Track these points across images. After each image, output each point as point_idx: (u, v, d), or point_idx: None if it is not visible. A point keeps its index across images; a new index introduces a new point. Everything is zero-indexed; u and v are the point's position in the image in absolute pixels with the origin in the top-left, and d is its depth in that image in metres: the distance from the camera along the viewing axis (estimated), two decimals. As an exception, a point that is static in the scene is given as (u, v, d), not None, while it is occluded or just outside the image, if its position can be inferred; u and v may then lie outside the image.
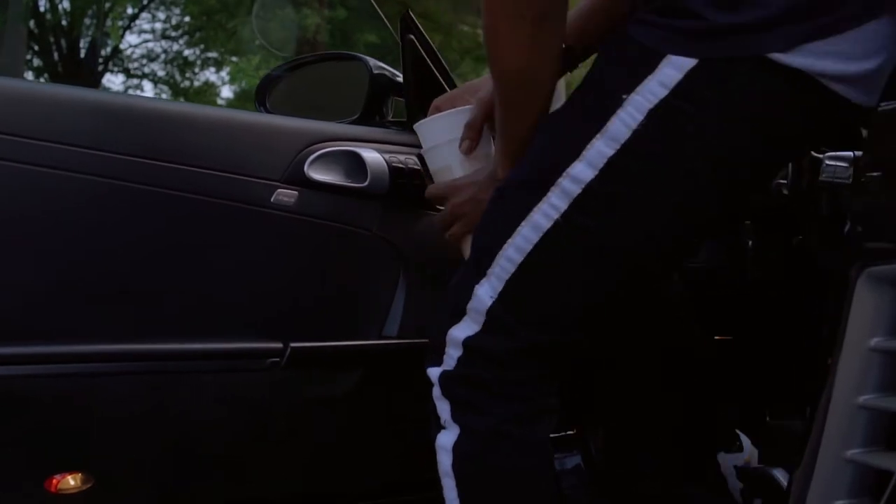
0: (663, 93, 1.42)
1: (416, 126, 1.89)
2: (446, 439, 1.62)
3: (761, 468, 2.06)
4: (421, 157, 2.16)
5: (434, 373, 1.64)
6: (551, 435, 2.27)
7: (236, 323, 2.02)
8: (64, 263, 1.87)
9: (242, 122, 2.09)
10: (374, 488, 2.24)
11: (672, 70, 1.41)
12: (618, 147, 1.45)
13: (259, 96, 2.56)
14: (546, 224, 1.51)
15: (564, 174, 1.49)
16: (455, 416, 1.61)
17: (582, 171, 1.48)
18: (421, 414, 2.14)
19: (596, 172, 1.47)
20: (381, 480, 2.23)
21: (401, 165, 2.15)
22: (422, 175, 2.17)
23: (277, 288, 2.07)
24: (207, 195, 1.98)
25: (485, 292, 1.57)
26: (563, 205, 1.50)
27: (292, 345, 2.02)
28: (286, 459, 2.10)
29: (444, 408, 1.63)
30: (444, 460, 1.62)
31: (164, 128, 1.98)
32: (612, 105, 1.45)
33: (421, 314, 2.17)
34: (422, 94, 2.26)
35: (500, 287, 1.56)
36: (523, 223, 1.53)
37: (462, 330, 1.60)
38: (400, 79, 2.33)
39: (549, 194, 1.51)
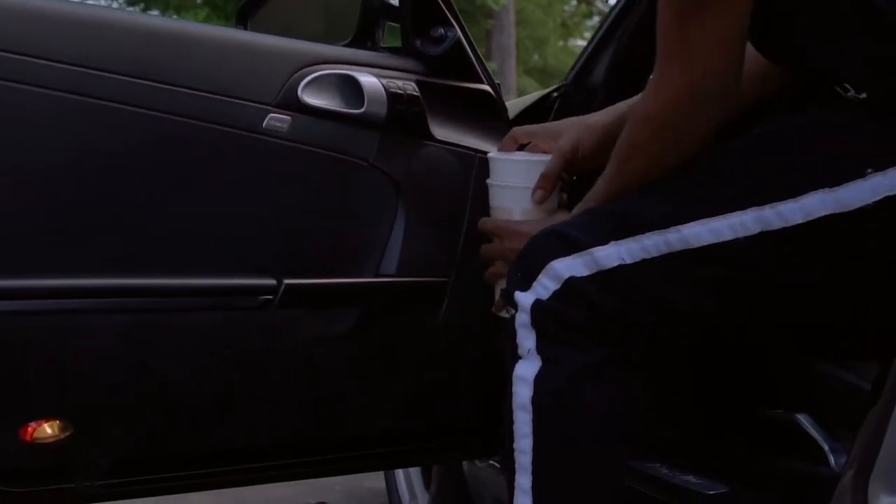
0: None
1: (491, 157, 1.91)
2: (526, 370, 1.55)
3: (782, 413, 1.95)
4: (421, 84, 2.06)
5: (525, 299, 1.57)
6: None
7: (225, 257, 1.89)
8: (36, 189, 1.74)
9: (233, 41, 1.95)
10: (373, 435, 2.11)
11: None
12: (839, 211, 1.44)
13: (241, 20, 2.39)
14: (728, 235, 1.49)
15: (771, 205, 1.47)
16: (541, 348, 1.55)
17: (791, 212, 1.46)
18: (422, 356, 2.04)
19: (804, 220, 1.46)
20: (381, 427, 2.10)
21: (399, 91, 2.01)
22: (421, 102, 2.04)
23: (269, 220, 1.93)
24: (196, 118, 1.83)
25: (617, 253, 1.53)
26: (754, 229, 1.48)
27: (286, 281, 1.87)
28: (280, 404, 1.97)
29: (527, 336, 1.57)
30: (522, 392, 1.56)
31: (149, 44, 1.83)
32: (848, 171, 1.44)
33: (420, 251, 2.04)
34: (419, 18, 2.13)
35: (638, 257, 1.53)
36: (701, 221, 1.50)
37: (569, 267, 1.54)
38: (395, 1, 2.18)
39: (746, 213, 1.48)
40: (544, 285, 1.54)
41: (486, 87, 2.19)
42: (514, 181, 1.84)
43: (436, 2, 2.11)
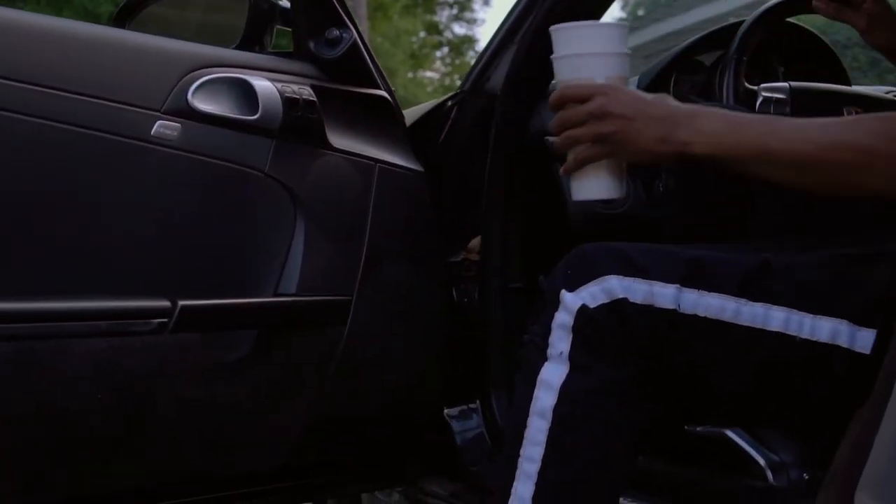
0: None
1: (561, 27, 1.56)
2: (553, 375, 1.43)
3: (716, 431, 1.86)
4: (317, 89, 1.93)
5: (571, 301, 1.44)
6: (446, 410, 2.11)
7: (114, 277, 1.73)
8: None
9: (118, 42, 1.80)
10: (272, 469, 1.96)
11: None
12: None
13: (118, 22, 2.23)
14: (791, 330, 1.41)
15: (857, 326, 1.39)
16: (573, 355, 1.43)
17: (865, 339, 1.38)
18: (325, 381, 1.90)
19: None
20: (281, 460, 1.95)
21: (295, 97, 1.88)
22: (317, 108, 1.91)
23: (160, 236, 1.78)
24: (77, 125, 1.67)
25: (675, 297, 1.43)
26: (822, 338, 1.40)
27: (181, 303, 1.71)
28: (175, 437, 1.81)
29: (563, 338, 1.44)
30: (545, 398, 1.43)
31: (25, 43, 1.66)
32: None
33: (321, 267, 1.90)
34: (313, 19, 2.02)
35: (693, 311, 1.43)
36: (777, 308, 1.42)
37: (626, 288, 1.43)
38: (286, 3, 2.05)
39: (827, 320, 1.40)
40: (593, 294, 1.42)
41: (383, 93, 2.07)
42: (592, 47, 1.54)
43: (330, 2, 1.98)
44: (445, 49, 23.57)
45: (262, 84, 1.85)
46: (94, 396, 1.68)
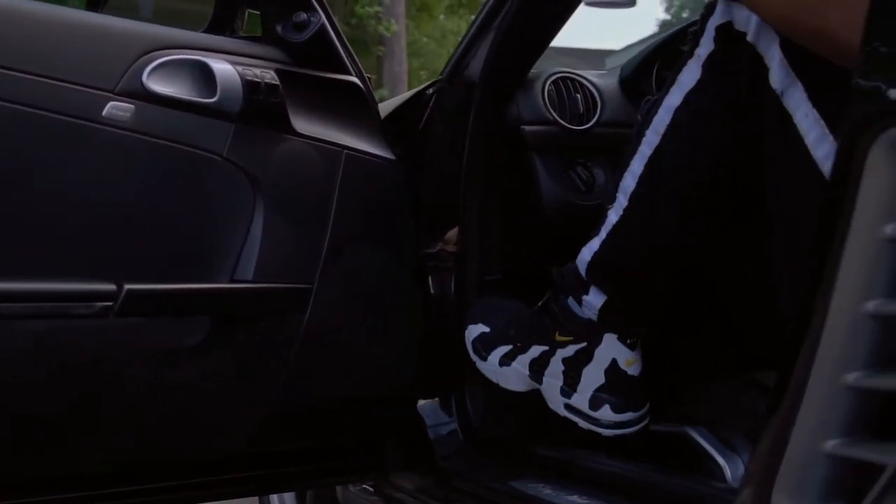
0: None
1: None
2: None
3: (678, 429, 1.81)
4: (282, 73, 1.90)
5: None
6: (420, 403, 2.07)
7: (60, 259, 1.69)
8: None
9: (70, 21, 1.76)
10: (233, 458, 1.93)
11: None
12: None
13: (91, 3, 2.20)
14: None
15: None
16: None
17: None
18: (284, 371, 1.87)
19: None
20: (242, 448, 1.92)
21: (256, 80, 1.85)
22: (280, 92, 1.88)
23: (110, 218, 1.74)
24: (25, 104, 1.64)
25: None
26: None
27: (128, 287, 1.68)
28: (120, 424, 1.77)
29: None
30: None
31: None
32: None
33: (280, 254, 1.87)
34: (281, 2, 1.99)
35: None
36: None
37: None
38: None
39: None
40: None
41: (354, 79, 2.03)
42: None
43: None
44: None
45: (222, 67, 1.82)
46: (37, 379, 1.66)
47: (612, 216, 1.76)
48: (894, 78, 0.93)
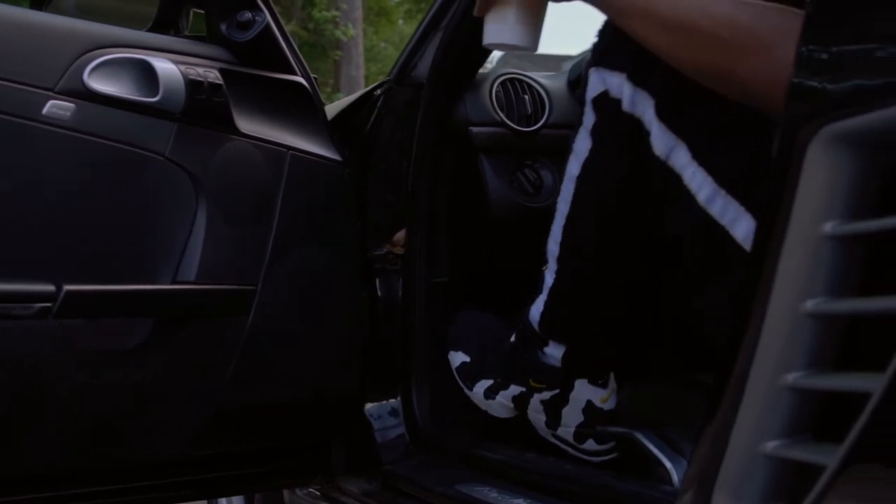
0: None
1: None
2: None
3: (625, 432, 1.80)
4: (226, 73, 1.88)
5: None
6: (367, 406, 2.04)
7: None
8: None
9: (8, 18, 1.73)
10: (178, 460, 1.90)
11: None
12: None
13: (35, 4, 2.17)
14: None
15: None
16: None
17: None
18: (227, 373, 1.84)
19: None
20: (185, 450, 1.90)
21: (199, 79, 1.83)
22: (224, 92, 1.86)
23: (49, 218, 1.71)
24: None
25: None
26: None
27: (67, 287, 1.65)
28: (59, 428, 1.74)
29: None
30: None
31: None
32: None
33: (223, 255, 1.85)
34: (224, 3, 1.97)
35: None
36: None
37: None
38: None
39: None
40: None
41: (300, 79, 2.02)
42: None
43: None
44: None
45: (164, 66, 1.80)
46: None
47: (548, 278, 1.79)
48: (834, 74, 0.93)
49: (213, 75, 1.85)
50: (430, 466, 2.04)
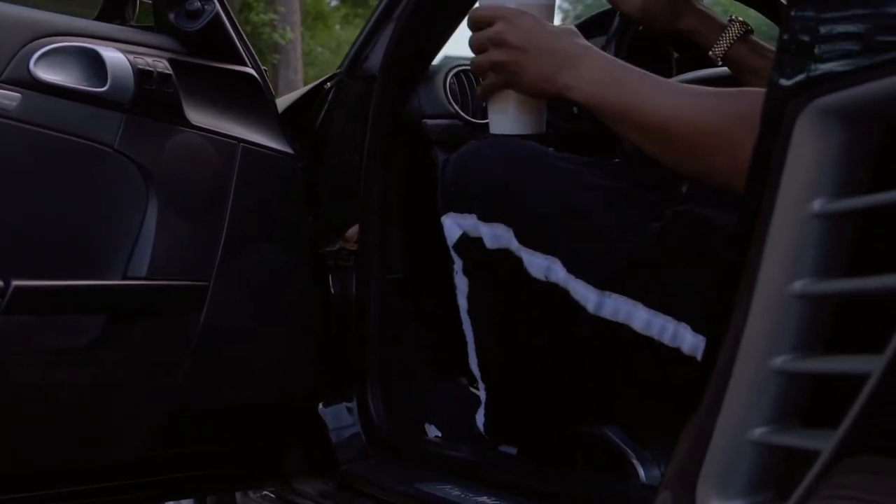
0: None
1: None
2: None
3: (594, 427, 1.78)
4: (175, 63, 1.84)
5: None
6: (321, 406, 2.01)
7: None
8: None
9: None
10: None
11: None
12: None
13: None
14: None
15: None
16: None
17: None
18: (179, 372, 1.80)
19: None
20: (139, 452, 1.84)
21: (149, 69, 1.78)
22: (174, 82, 1.82)
23: None
24: None
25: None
26: None
27: (15, 283, 1.60)
28: (6, 428, 1.69)
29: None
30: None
31: None
32: None
33: (175, 250, 1.80)
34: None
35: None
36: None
37: None
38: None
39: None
40: None
41: (250, 70, 1.97)
42: None
43: None
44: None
45: (113, 55, 1.75)
46: None
47: (482, 394, 1.83)
48: (823, 46, 0.90)
49: (163, 65, 1.81)
50: (388, 466, 2.00)
